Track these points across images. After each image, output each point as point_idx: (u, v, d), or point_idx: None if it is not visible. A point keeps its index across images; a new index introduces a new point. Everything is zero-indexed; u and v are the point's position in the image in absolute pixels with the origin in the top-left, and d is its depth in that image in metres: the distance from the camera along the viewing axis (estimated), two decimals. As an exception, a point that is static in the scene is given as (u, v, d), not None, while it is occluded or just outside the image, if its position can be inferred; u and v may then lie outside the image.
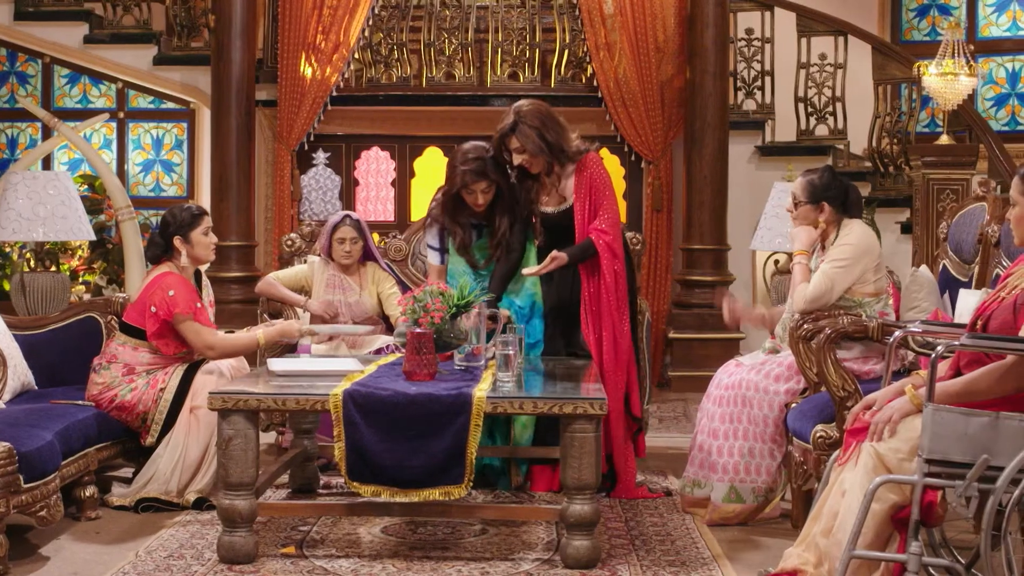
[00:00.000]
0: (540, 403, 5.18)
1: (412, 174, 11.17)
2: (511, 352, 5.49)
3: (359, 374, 5.58)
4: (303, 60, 10.56)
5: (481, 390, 5.20)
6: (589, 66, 10.63)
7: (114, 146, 12.00)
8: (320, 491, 6.54)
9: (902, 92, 11.10)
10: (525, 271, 6.53)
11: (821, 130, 10.86)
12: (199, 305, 6.31)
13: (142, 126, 12.66)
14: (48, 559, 5.34)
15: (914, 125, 10.42)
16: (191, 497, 6.13)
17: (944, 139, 9.30)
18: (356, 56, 10.69)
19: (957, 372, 4.42)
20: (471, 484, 5.20)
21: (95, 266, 10.90)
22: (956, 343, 4.24)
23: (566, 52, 10.74)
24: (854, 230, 5.91)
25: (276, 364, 5.87)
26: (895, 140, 10.42)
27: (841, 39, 10.75)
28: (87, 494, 5.97)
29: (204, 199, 12.53)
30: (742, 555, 5.46)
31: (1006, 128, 11.49)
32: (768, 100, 10.87)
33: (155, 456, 6.24)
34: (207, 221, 6.52)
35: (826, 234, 6.00)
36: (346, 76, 10.63)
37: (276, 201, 10.72)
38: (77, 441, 5.78)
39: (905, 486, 4.23)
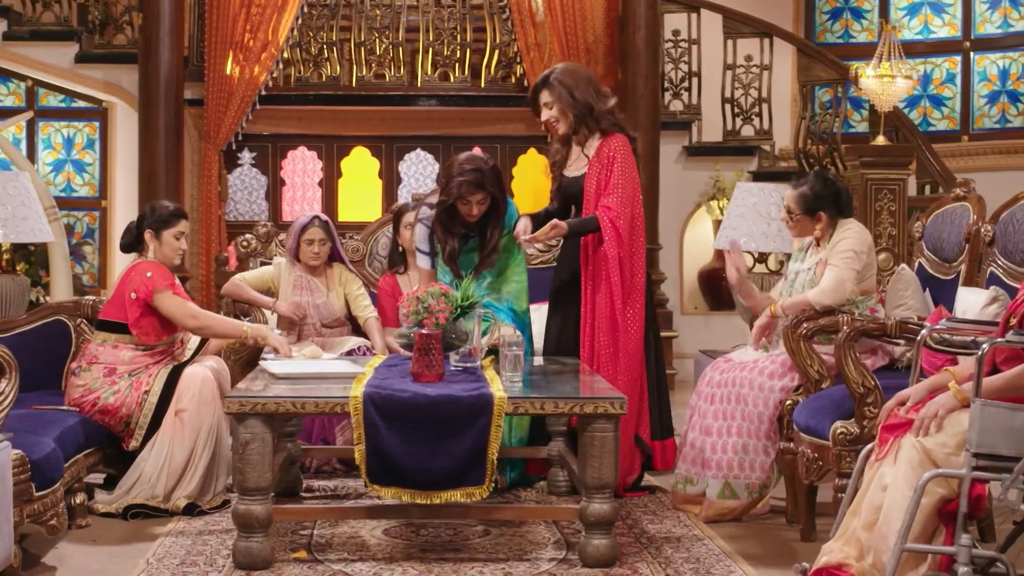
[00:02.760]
0: (561, 403, 5.18)
1: (339, 174, 11.12)
2: (519, 353, 5.50)
3: (363, 376, 5.54)
4: (231, 59, 10.45)
5: (500, 390, 5.20)
6: (519, 66, 10.66)
7: (24, 145, 11.72)
8: (303, 495, 6.48)
9: (816, 94, 11.31)
10: (524, 237, 6.51)
11: (747, 130, 11.02)
12: (177, 283, 6.24)
13: (52, 125, 12.39)
14: (55, 568, 5.22)
15: (840, 126, 10.62)
16: (180, 503, 6.03)
17: (880, 140, 9.49)
18: (285, 55, 10.59)
19: (993, 368, 4.51)
20: (492, 485, 5.19)
21: (17, 268, 10.63)
22: (1001, 340, 4.34)
23: (496, 52, 10.76)
24: (850, 226, 6.01)
25: (274, 367, 5.79)
26: (821, 141, 10.59)
27: (767, 41, 10.92)
28: (77, 501, 5.84)
29: (117, 199, 12.32)
30: (748, 551, 5.52)
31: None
32: (695, 101, 11.00)
33: (139, 460, 6.13)
34: (183, 225, 6.41)
35: (822, 234, 6.08)
36: (275, 75, 10.53)
37: (203, 201, 10.58)
38: (71, 447, 5.65)
39: (952, 480, 4.31)
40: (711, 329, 10.75)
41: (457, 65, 10.77)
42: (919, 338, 4.80)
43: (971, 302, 5.55)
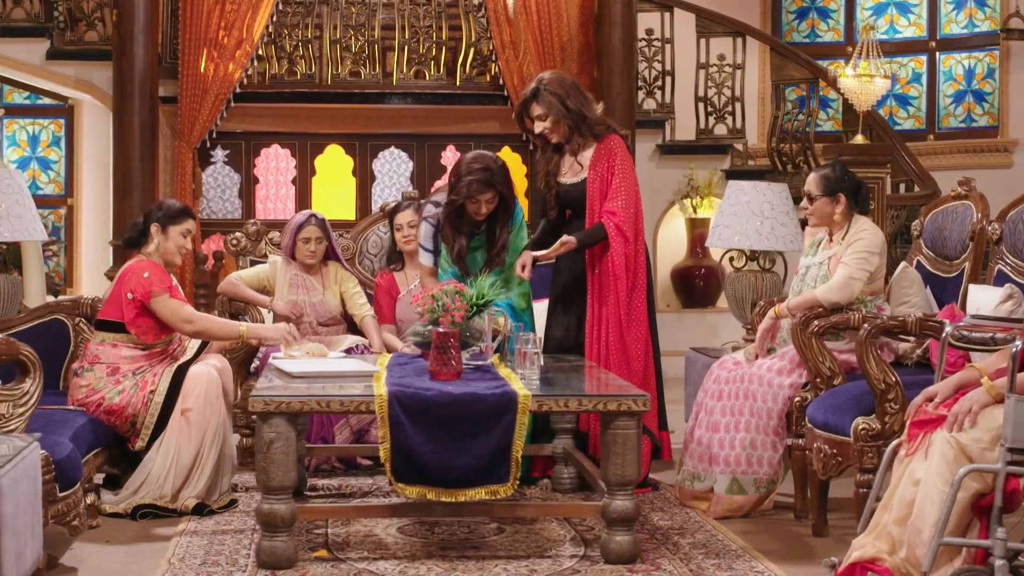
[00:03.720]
0: (585, 400, 5.23)
1: (313, 172, 11.05)
2: (536, 351, 5.53)
3: (379, 374, 5.55)
4: (205, 56, 10.38)
5: (523, 388, 5.21)
6: (494, 64, 10.67)
7: (-13, 143, 11.64)
8: (307, 493, 6.46)
9: (783, 93, 11.38)
10: (537, 253, 6.52)
11: (720, 129, 11.09)
12: (174, 285, 6.22)
13: (17, 122, 12.30)
14: (76, 569, 5.18)
15: (813, 124, 10.70)
16: (190, 503, 6.00)
17: (859, 139, 9.59)
18: (260, 52, 10.54)
19: (1022, 365, 4.57)
20: (517, 483, 5.21)
21: (-11, 267, 10.50)
22: (1036, 336, 4.41)
23: (471, 50, 10.76)
24: (866, 226, 6.10)
25: (288, 365, 5.77)
26: (794, 139, 10.67)
27: (740, 40, 10.99)
28: (87, 502, 5.78)
29: (84, 197, 12.25)
30: (764, 546, 5.57)
31: (885, 127, 11.86)
32: (668, 100, 11.04)
33: (146, 461, 6.09)
34: (191, 224, 6.41)
35: (836, 228, 6.15)
36: (249, 73, 10.47)
37: (177, 199, 10.45)
38: (83, 447, 5.60)
39: (986, 475, 4.37)
40: (684, 326, 10.79)
41: (432, 63, 10.76)
42: (944, 335, 4.86)
43: (983, 300, 5.63)
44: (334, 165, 11.05)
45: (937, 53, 11.97)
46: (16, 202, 7.03)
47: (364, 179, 11.04)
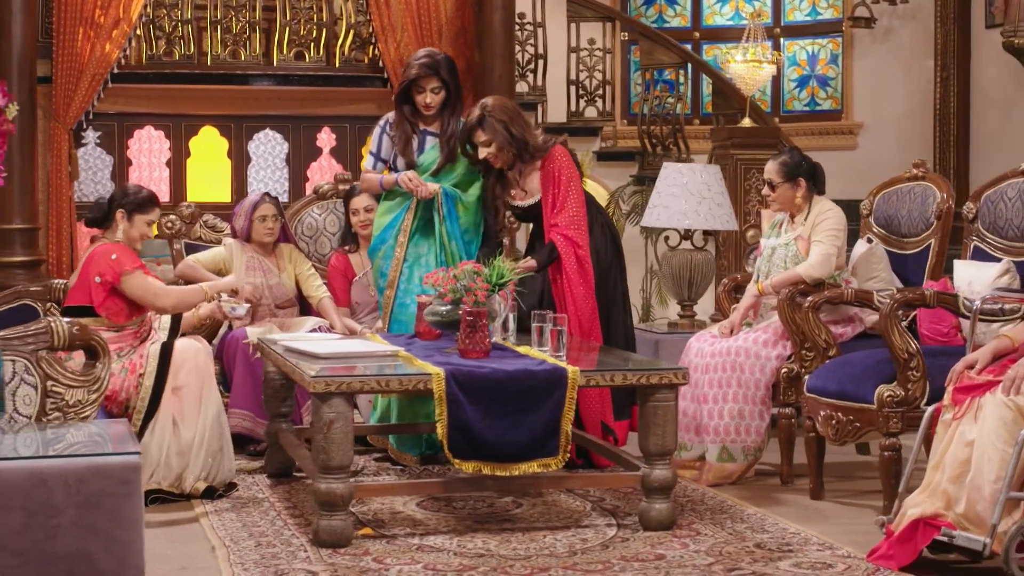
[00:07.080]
0: (629, 375, 5.45)
1: (188, 154, 10.93)
2: (562, 328, 5.71)
3: (405, 352, 5.68)
4: (81, 36, 10.15)
5: (570, 365, 5.40)
6: (372, 47, 10.73)
7: None
8: (296, 474, 6.50)
9: (633, 76, 11.74)
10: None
11: (590, 112, 11.38)
12: (143, 264, 6.20)
13: None
14: (130, 556, 5.14)
15: (684, 108, 11.08)
16: (199, 486, 5.98)
17: (746, 122, 9.99)
18: (139, 32, 10.37)
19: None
20: (566, 456, 5.40)
21: None
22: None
23: (351, 32, 10.80)
24: (829, 206, 6.49)
25: (313, 346, 5.80)
26: (664, 122, 11.01)
27: (609, 25, 11.30)
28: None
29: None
30: (776, 509, 5.87)
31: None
32: (540, 83, 11.27)
33: (143, 444, 6.02)
34: (156, 213, 6.38)
35: (798, 211, 6.52)
36: (127, 53, 10.29)
37: (53, 182, 10.23)
38: (104, 434, 5.55)
39: (1043, 433, 4.76)
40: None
41: (312, 45, 10.75)
42: (975, 308, 5.24)
43: (976, 275, 6.02)
44: (209, 147, 10.96)
45: (781, 39, 12.48)
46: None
47: (239, 161, 10.97)
